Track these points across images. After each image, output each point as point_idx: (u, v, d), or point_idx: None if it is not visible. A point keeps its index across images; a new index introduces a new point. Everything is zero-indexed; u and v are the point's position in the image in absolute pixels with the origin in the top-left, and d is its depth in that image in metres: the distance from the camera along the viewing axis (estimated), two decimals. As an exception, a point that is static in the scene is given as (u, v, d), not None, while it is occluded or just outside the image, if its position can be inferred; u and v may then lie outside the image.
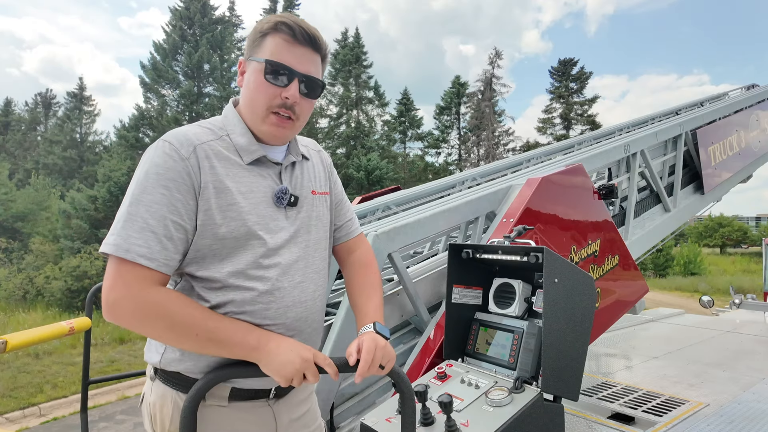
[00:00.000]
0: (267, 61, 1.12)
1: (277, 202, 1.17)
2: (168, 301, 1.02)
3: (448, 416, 1.28)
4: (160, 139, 1.10)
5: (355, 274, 1.39)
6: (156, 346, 1.15)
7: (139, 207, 1.02)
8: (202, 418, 1.08)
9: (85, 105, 33.98)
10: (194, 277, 1.10)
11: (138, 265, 1.00)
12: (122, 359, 9.66)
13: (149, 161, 1.06)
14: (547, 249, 1.47)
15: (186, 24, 20.42)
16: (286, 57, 1.13)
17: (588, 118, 33.26)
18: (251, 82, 1.15)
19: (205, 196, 1.07)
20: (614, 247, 2.71)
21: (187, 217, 1.05)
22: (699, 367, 3.31)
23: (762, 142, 5.46)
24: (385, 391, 1.99)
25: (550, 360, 1.43)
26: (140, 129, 19.75)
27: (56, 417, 6.87)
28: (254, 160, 1.16)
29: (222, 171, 1.10)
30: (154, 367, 1.17)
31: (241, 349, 1.05)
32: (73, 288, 14.82)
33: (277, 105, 1.14)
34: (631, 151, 3.42)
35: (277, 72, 1.13)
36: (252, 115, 1.16)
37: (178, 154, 1.06)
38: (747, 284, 18.78)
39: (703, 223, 40.54)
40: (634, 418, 2.36)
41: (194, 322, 1.02)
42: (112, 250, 1.00)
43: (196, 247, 1.08)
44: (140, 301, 1.00)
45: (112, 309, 1.01)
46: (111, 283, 1.01)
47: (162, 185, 1.03)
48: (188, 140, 1.09)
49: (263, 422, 1.19)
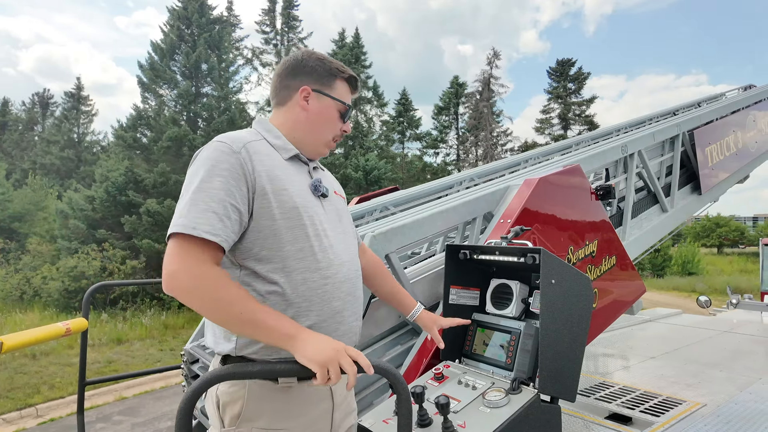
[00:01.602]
0: (349, 106, 1.47)
1: (314, 191, 1.36)
2: (220, 278, 1.14)
3: (445, 417, 1.28)
4: (213, 140, 1.27)
5: (377, 266, 1.67)
6: (226, 334, 1.25)
7: (201, 194, 1.17)
8: (275, 398, 1.23)
9: (83, 105, 33.87)
10: (258, 258, 1.24)
11: (201, 241, 1.13)
12: (120, 360, 9.63)
13: (205, 158, 1.23)
14: (545, 250, 1.47)
15: (184, 24, 20.35)
16: (348, 101, 1.48)
17: (586, 119, 33.30)
18: (326, 115, 1.43)
19: (260, 183, 1.23)
20: (612, 247, 2.71)
21: (241, 202, 1.20)
22: (696, 367, 3.32)
23: (759, 143, 5.47)
24: (383, 392, 1.99)
25: (547, 361, 1.43)
26: (138, 129, 19.66)
27: (53, 418, 6.84)
28: (290, 157, 1.36)
29: (269, 163, 1.28)
30: (223, 357, 1.28)
31: (276, 334, 1.14)
32: (70, 288, 14.74)
33: (338, 135, 1.47)
34: (628, 152, 3.43)
35: (346, 114, 1.47)
36: (317, 138, 1.43)
37: (231, 149, 1.23)
38: (744, 284, 18.84)
39: (701, 223, 40.62)
40: (632, 419, 2.36)
41: (239, 302, 1.13)
42: (181, 230, 1.13)
43: (258, 229, 1.24)
44: (197, 273, 1.12)
45: (171, 279, 1.12)
46: (172, 257, 1.13)
47: (218, 174, 1.19)
48: (238, 139, 1.27)
49: (324, 398, 1.33)
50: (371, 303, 2.04)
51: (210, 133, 18.99)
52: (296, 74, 1.42)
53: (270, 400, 1.24)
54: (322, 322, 1.29)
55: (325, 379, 1.11)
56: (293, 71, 1.43)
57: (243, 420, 1.23)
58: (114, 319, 13.19)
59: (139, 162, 19.02)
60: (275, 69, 1.50)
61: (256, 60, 27.88)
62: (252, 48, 27.68)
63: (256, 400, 1.23)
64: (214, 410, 1.28)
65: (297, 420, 1.27)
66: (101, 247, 16.24)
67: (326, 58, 1.46)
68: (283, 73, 1.44)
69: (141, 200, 17.15)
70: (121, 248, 16.63)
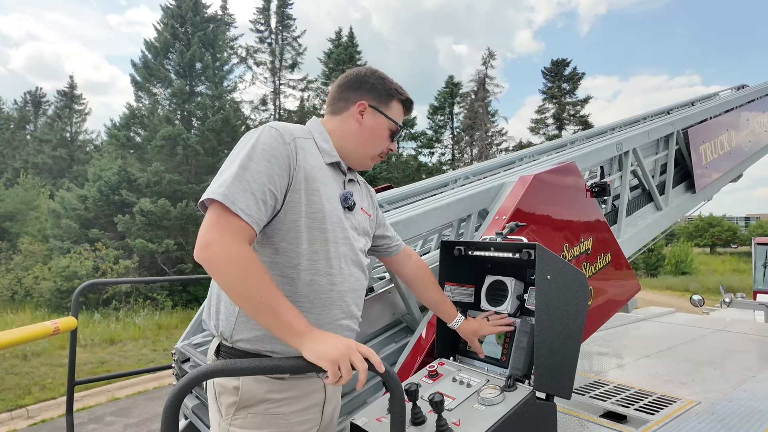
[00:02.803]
0: (401, 126, 1.54)
1: (343, 201, 1.39)
2: (252, 258, 1.15)
3: (439, 415, 1.26)
4: (267, 125, 1.30)
5: (424, 273, 1.74)
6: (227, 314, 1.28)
7: (245, 172, 1.19)
8: (270, 386, 1.26)
9: (76, 103, 33.62)
10: (276, 248, 1.27)
11: (237, 217, 1.15)
12: (112, 360, 9.55)
13: (257, 139, 1.25)
14: (540, 245, 1.46)
15: (178, 22, 20.23)
16: (401, 122, 1.54)
17: (580, 119, 33.43)
18: (378, 131, 1.49)
19: (298, 178, 1.27)
20: (606, 245, 2.70)
21: (280, 190, 1.24)
22: (690, 365, 3.32)
23: (752, 142, 5.50)
24: (376, 391, 1.97)
25: (542, 358, 1.41)
26: (131, 128, 19.53)
27: (44, 419, 6.77)
28: (331, 163, 1.41)
29: (312, 162, 1.32)
30: (216, 347, 1.33)
31: (288, 328, 1.14)
32: (62, 288, 14.60)
33: (385, 152, 1.54)
34: (623, 150, 3.42)
35: (396, 134, 1.54)
36: (365, 150, 1.49)
37: (283, 139, 1.27)
38: (736, 283, 18.97)
39: (694, 223, 40.93)
40: (626, 417, 2.35)
41: (265, 287, 1.14)
42: (221, 198, 1.14)
43: (284, 221, 1.27)
44: (231, 248, 1.13)
45: (205, 249, 1.13)
46: (210, 227, 1.15)
47: (266, 159, 1.22)
48: (290, 131, 1.31)
49: (317, 389, 1.37)
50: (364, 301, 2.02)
51: (204, 132, 18.93)
52: (357, 88, 1.48)
53: (265, 388, 1.27)
54: (318, 327, 1.28)
55: (337, 377, 1.08)
56: (354, 85, 1.49)
57: (239, 408, 1.26)
58: (107, 319, 13.09)
59: (132, 161, 18.91)
60: (335, 79, 1.55)
61: (250, 59, 27.76)
62: (246, 47, 27.57)
63: (251, 387, 1.26)
64: (213, 400, 1.32)
65: (291, 407, 1.30)
66: (94, 247, 16.13)
67: (387, 78, 1.52)
68: (344, 85, 1.50)
69: (134, 199, 17.04)
70: (114, 248, 16.52)
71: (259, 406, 1.27)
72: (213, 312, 1.36)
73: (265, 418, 1.27)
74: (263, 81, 28.05)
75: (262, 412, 1.27)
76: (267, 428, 1.27)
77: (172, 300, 16.02)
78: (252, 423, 1.27)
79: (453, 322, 1.70)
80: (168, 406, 0.97)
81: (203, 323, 1.42)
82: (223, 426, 1.29)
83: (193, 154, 18.58)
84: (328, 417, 1.43)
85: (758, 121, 5.71)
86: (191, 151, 18.44)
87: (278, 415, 1.28)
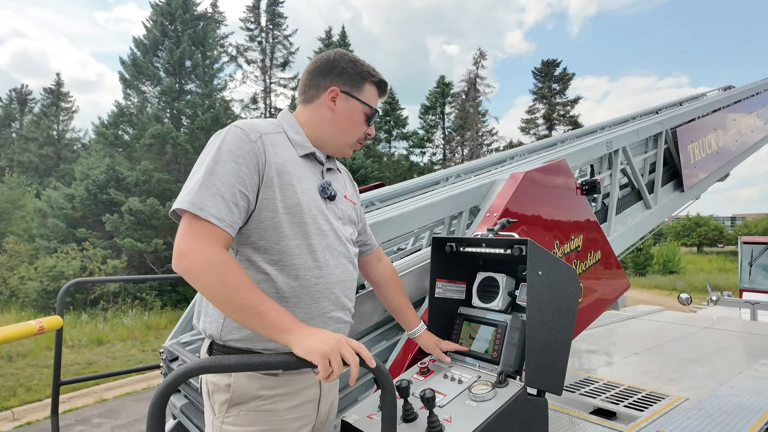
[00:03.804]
0: (376, 110, 1.48)
1: (322, 192, 1.36)
2: (228, 261, 1.14)
3: (430, 412, 1.25)
4: (232, 125, 1.28)
5: (390, 278, 1.70)
6: (215, 315, 1.27)
7: (212, 177, 1.18)
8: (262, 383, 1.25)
9: (63, 101, 33.15)
10: (255, 247, 1.26)
11: (209, 223, 1.14)
12: (100, 361, 9.43)
13: (222, 141, 1.23)
14: (531, 241, 1.45)
15: (167, 19, 20.03)
16: (376, 105, 1.49)
17: (570, 119, 33.71)
18: (352, 117, 1.44)
19: (269, 175, 1.25)
20: (597, 242, 2.72)
21: (251, 190, 1.22)
22: (678, 362, 3.35)
23: (739, 142, 5.57)
24: (368, 388, 1.96)
25: (533, 353, 1.41)
26: (120, 126, 19.31)
27: (30, 421, 6.65)
28: (305, 155, 1.38)
29: (283, 157, 1.30)
30: (209, 346, 1.32)
31: (273, 327, 1.13)
32: (49, 289, 14.38)
33: (363, 138, 1.49)
34: (613, 148, 3.45)
35: (372, 118, 1.48)
36: (341, 138, 1.45)
37: (248, 137, 1.24)
38: (723, 282, 19.26)
39: (681, 222, 41.44)
40: (616, 413, 2.37)
41: (244, 289, 1.13)
42: (189, 207, 1.14)
43: (260, 219, 1.25)
44: (205, 254, 1.12)
45: (181, 258, 1.13)
46: (183, 236, 1.14)
47: (233, 160, 1.20)
48: (256, 129, 1.28)
49: (311, 385, 1.35)
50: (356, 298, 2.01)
51: (194, 131, 18.77)
52: (327, 74, 1.43)
53: (257, 385, 1.25)
54: (309, 321, 1.29)
55: (328, 371, 1.07)
56: (324, 70, 1.43)
57: (231, 405, 1.25)
58: (94, 319, 12.92)
59: (120, 160, 18.70)
60: (306, 66, 1.49)
61: (240, 57, 27.59)
62: (237, 45, 27.39)
63: (243, 384, 1.25)
64: (207, 398, 1.32)
65: (285, 403, 1.28)
66: (81, 247, 15.91)
67: (358, 60, 1.47)
68: (314, 71, 1.44)
69: (123, 198, 16.85)
70: (102, 247, 16.32)
71: (251, 403, 1.25)
72: (202, 314, 1.34)
73: (258, 415, 1.25)
74: (254, 80, 27.92)
75: (255, 409, 1.25)
76: (259, 425, 1.25)
77: (161, 300, 15.86)
78: (244, 420, 1.25)
79: (413, 330, 1.67)
80: (154, 403, 0.94)
81: (194, 326, 1.40)
82: (216, 424, 1.27)
83: (183, 152, 18.41)
84: (324, 413, 1.41)
85: (744, 122, 5.79)
86: (180, 149, 18.28)
87: (271, 412, 1.27)
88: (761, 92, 6.33)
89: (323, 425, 1.42)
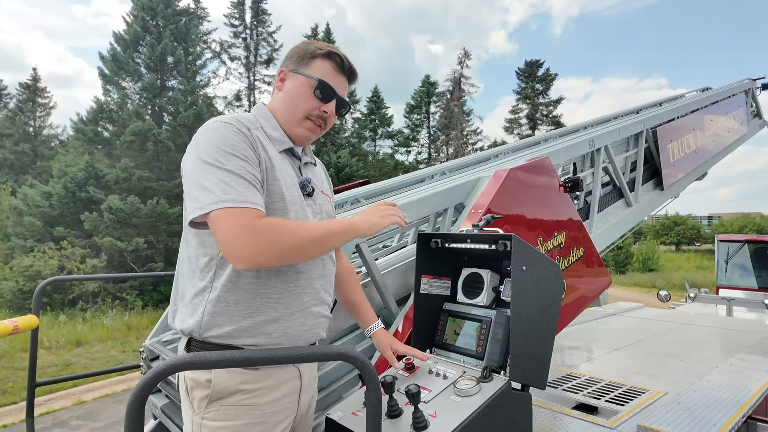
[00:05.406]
0: (319, 80, 1.39)
1: (302, 188, 1.38)
2: (278, 220, 1.21)
3: (415, 407, 1.25)
4: (220, 122, 1.26)
5: (348, 274, 1.67)
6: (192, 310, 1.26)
7: (231, 174, 1.18)
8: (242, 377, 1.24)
9: (39, 97, 32.30)
10: None
11: (251, 210, 1.16)
12: (79, 363, 9.22)
13: (220, 137, 1.22)
14: (516, 236, 1.46)
15: (148, 14, 19.66)
16: (332, 81, 1.41)
17: (553, 119, 34.13)
18: (296, 92, 1.40)
19: (262, 167, 1.27)
20: (579, 239, 2.75)
21: (260, 174, 1.25)
22: (657, 357, 3.42)
23: (716, 142, 5.71)
24: (352, 386, 1.95)
25: (517, 348, 1.42)
26: (99, 122, 18.90)
27: (5, 424, 6.47)
28: (283, 150, 1.38)
29: (269, 151, 1.31)
30: (187, 342, 1.30)
31: (342, 231, 1.30)
32: (25, 289, 14.01)
33: (315, 115, 1.41)
34: (595, 146, 3.49)
35: (323, 90, 1.40)
36: (290, 116, 1.40)
37: (241, 130, 1.26)
38: (700, 279, 19.72)
39: (660, 221, 42.34)
40: (598, 408, 2.40)
41: (304, 226, 1.24)
42: (235, 204, 1.14)
43: None
44: (262, 228, 1.15)
45: (243, 249, 1.13)
46: (236, 233, 1.13)
47: (242, 150, 1.22)
48: (243, 122, 1.29)
49: (292, 377, 1.35)
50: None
51: (176, 128, 18.48)
52: (283, 61, 1.47)
53: (238, 380, 1.24)
54: (290, 315, 1.30)
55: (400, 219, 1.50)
56: (284, 59, 1.48)
57: (211, 400, 1.24)
58: (73, 320, 12.63)
59: (100, 157, 18.32)
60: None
61: (224, 54, 27.26)
62: (220, 41, 27.06)
63: (223, 379, 1.23)
64: (185, 396, 1.30)
65: (266, 397, 1.28)
66: (59, 246, 15.54)
67: (314, 42, 1.46)
68: (280, 65, 1.49)
69: (102, 196, 16.51)
70: (81, 246, 15.96)
71: (232, 398, 1.24)
72: (178, 313, 1.33)
73: (239, 410, 1.24)
74: (237, 76, 27.62)
75: (235, 403, 1.24)
76: (240, 419, 1.24)
77: (142, 300, 15.60)
78: (225, 415, 1.23)
79: (369, 328, 1.65)
80: (132, 402, 0.92)
81: (170, 325, 1.37)
82: (196, 420, 1.25)
83: (164, 150, 18.11)
84: (304, 406, 1.40)
85: (721, 123, 5.94)
86: (162, 146, 17.98)
87: (252, 406, 1.25)
88: (737, 94, 6.50)
89: (303, 418, 1.42)
